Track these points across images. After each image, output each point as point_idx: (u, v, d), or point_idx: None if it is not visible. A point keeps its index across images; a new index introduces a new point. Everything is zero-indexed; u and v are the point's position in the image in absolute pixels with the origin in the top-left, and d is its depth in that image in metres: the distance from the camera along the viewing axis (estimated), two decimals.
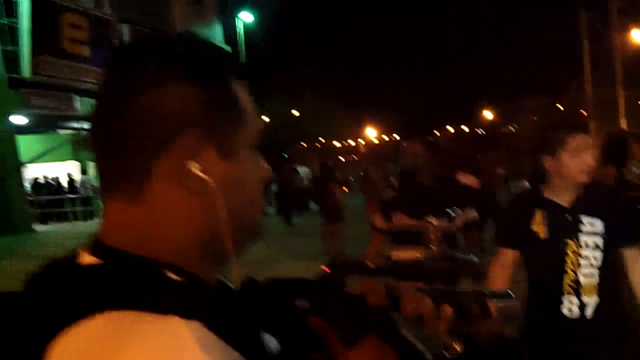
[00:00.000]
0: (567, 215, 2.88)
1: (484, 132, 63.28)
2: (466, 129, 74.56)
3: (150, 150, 0.77)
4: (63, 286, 0.76)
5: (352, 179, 25.90)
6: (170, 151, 0.77)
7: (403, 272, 0.90)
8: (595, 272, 2.82)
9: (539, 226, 2.89)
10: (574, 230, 2.85)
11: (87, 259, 0.80)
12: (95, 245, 0.81)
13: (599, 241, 2.83)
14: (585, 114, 33.62)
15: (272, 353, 0.80)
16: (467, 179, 2.66)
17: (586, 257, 2.82)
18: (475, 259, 0.99)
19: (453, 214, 3.05)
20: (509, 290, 1.06)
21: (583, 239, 2.84)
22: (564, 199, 2.91)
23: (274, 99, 39.72)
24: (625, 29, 30.17)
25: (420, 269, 0.90)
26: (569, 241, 2.84)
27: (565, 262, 2.82)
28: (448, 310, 0.94)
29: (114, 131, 0.79)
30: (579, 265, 2.82)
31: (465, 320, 0.99)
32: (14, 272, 10.79)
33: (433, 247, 2.48)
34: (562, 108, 44.05)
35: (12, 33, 20.38)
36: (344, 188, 13.69)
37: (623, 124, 28.05)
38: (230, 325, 0.72)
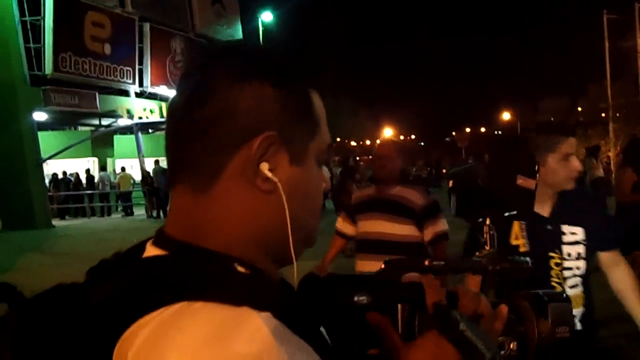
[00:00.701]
0: (548, 226, 2.70)
1: (501, 133, 62.85)
2: (483, 130, 74.16)
3: (227, 147, 0.78)
4: (133, 277, 0.76)
5: (368, 178, 25.82)
6: (245, 149, 0.78)
7: (460, 270, 0.90)
8: (579, 281, 2.70)
9: (518, 239, 2.70)
10: (556, 242, 2.69)
11: (155, 250, 0.80)
12: (161, 237, 0.82)
13: (582, 250, 2.70)
14: (604, 115, 33.35)
15: (333, 346, 0.81)
16: (526, 182, 2.54)
17: (570, 268, 2.68)
18: (529, 260, 0.99)
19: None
20: (563, 292, 1.11)
21: (566, 249, 2.69)
22: (543, 208, 2.72)
23: None
24: None
25: (477, 267, 0.89)
26: (552, 254, 2.67)
27: (550, 276, 2.66)
28: (504, 309, 0.96)
29: (193, 124, 0.79)
30: (564, 277, 2.67)
31: (519, 320, 1.00)
32: (35, 265, 10.93)
33: (487, 247, 2.46)
34: (581, 109, 43.65)
35: (35, 31, 20.60)
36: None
37: None
38: (296, 317, 0.73)
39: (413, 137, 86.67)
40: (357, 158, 41.86)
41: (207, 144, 0.79)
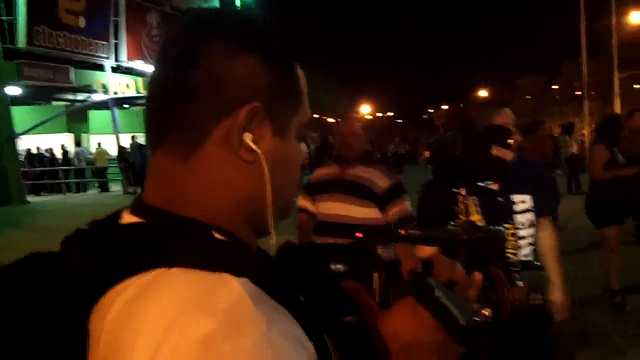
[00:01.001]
0: (498, 198, 2.72)
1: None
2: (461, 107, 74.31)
3: (213, 114, 0.78)
4: (110, 244, 0.76)
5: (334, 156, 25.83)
6: (231, 118, 0.78)
7: (436, 240, 0.89)
8: (532, 249, 2.73)
9: (472, 215, 2.69)
10: (509, 212, 2.71)
11: (132, 218, 0.80)
12: (138, 205, 0.82)
13: (532, 217, 2.75)
14: (579, 93, 33.68)
15: (310, 313, 0.81)
16: (501, 152, 2.51)
17: (523, 237, 2.70)
18: (504, 230, 1.00)
19: (485, 186, 2.76)
20: (535, 261, 1.11)
21: (518, 218, 2.72)
22: (491, 183, 2.72)
23: None
24: (624, 11, 30.08)
25: (453, 237, 0.88)
26: (506, 225, 2.68)
27: (505, 247, 2.63)
28: (479, 277, 0.96)
29: (181, 89, 0.78)
30: (519, 247, 2.67)
31: (493, 287, 1.02)
32: (11, 241, 10.82)
33: (462, 217, 2.46)
34: (557, 88, 43.97)
35: (8, 3, 20.19)
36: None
37: (617, 105, 28.11)
38: (274, 283, 0.74)
39: (392, 114, 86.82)
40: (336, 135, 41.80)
41: (193, 110, 0.78)
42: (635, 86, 31.45)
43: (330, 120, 67.94)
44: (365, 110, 75.60)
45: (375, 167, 3.88)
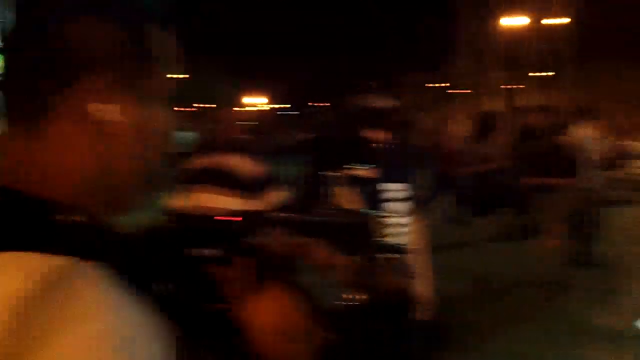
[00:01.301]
0: (375, 185, 2.71)
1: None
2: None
3: (55, 86, 0.73)
4: None
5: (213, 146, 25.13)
6: (77, 89, 0.73)
7: (312, 223, 1.06)
8: (409, 238, 2.75)
9: (349, 200, 2.65)
10: (384, 200, 2.70)
11: None
12: None
13: (410, 205, 2.76)
14: (457, 92, 34.98)
15: (173, 300, 0.78)
16: (373, 134, 2.59)
17: (401, 225, 2.73)
18: (375, 212, 1.17)
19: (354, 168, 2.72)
20: (400, 245, 1.17)
21: (397, 206, 2.73)
22: (367, 170, 2.70)
23: None
24: (499, 13, 31.58)
25: (330, 220, 1.03)
26: (381, 213, 2.64)
27: (380, 232, 2.55)
28: (352, 261, 0.99)
29: (21, 62, 0.74)
30: (395, 234, 2.65)
31: (368, 271, 1.05)
32: None
33: (339, 201, 2.50)
34: (435, 86, 45.37)
35: None
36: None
37: (499, 102, 29.32)
38: (132, 268, 0.70)
39: (288, 105, 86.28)
40: None
41: (37, 84, 0.74)
42: (503, 87, 33.11)
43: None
44: (261, 101, 74.59)
45: (247, 155, 3.60)
